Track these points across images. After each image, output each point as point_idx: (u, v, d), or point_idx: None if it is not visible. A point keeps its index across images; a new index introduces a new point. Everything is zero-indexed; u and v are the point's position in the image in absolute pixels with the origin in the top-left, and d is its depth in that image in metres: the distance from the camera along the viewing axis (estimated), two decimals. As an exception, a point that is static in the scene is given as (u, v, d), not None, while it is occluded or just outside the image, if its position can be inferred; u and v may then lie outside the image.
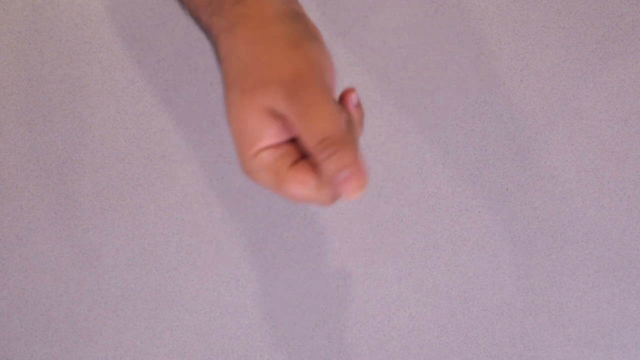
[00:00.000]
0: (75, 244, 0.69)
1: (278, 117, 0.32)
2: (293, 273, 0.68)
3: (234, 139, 0.33)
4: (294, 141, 0.35)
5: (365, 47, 0.66)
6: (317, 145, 0.30)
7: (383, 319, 0.68)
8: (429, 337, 0.67)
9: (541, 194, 0.66)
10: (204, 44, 0.67)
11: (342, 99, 0.35)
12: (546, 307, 0.67)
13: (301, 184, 0.33)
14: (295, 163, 0.33)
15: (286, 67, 0.30)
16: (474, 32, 0.66)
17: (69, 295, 0.70)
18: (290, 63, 0.30)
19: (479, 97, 0.66)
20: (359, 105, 0.35)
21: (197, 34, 0.67)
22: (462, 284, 0.67)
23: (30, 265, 0.70)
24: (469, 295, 0.67)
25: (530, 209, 0.66)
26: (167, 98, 0.68)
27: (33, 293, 0.70)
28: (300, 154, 0.34)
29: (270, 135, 0.32)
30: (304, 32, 0.33)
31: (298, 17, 0.33)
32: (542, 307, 0.67)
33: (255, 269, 0.68)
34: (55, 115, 0.68)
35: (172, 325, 0.69)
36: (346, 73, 0.66)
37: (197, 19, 0.40)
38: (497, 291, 0.67)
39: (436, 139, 0.66)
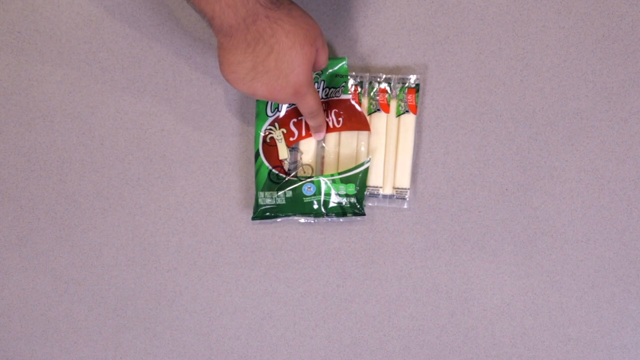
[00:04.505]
0: (75, 244, 0.69)
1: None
2: (293, 273, 0.68)
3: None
4: None
5: (365, 47, 0.66)
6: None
7: (383, 319, 0.68)
8: (429, 337, 0.67)
9: (541, 194, 0.66)
10: (204, 44, 0.67)
11: None
12: (546, 307, 0.67)
13: None
14: None
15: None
16: (474, 32, 0.66)
17: (69, 295, 0.70)
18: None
19: (479, 97, 0.66)
20: None
21: (197, 34, 0.67)
22: (462, 284, 0.67)
23: (30, 265, 0.70)
24: (469, 295, 0.67)
25: (530, 209, 0.66)
26: (167, 98, 0.68)
27: (33, 293, 0.70)
28: None
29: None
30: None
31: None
32: (542, 307, 0.67)
33: (255, 269, 0.68)
34: (55, 116, 0.68)
35: (172, 325, 0.69)
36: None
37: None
38: (497, 291, 0.67)
39: (436, 139, 0.66)
